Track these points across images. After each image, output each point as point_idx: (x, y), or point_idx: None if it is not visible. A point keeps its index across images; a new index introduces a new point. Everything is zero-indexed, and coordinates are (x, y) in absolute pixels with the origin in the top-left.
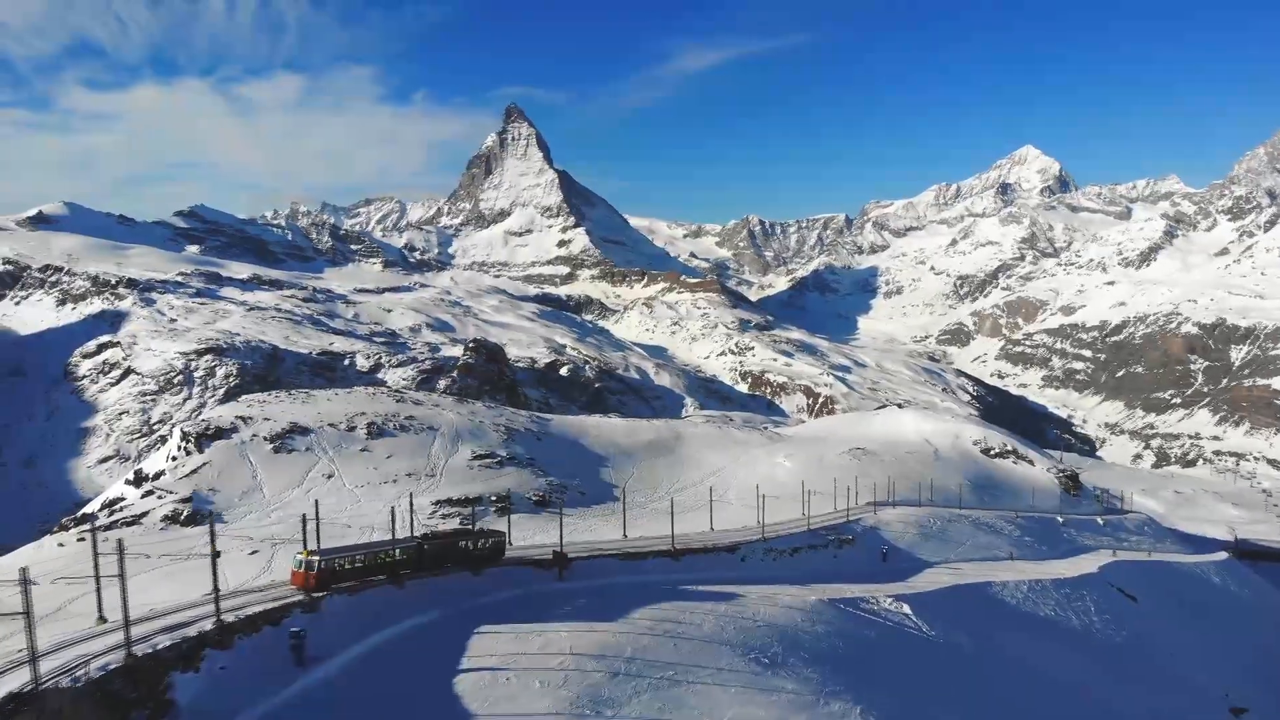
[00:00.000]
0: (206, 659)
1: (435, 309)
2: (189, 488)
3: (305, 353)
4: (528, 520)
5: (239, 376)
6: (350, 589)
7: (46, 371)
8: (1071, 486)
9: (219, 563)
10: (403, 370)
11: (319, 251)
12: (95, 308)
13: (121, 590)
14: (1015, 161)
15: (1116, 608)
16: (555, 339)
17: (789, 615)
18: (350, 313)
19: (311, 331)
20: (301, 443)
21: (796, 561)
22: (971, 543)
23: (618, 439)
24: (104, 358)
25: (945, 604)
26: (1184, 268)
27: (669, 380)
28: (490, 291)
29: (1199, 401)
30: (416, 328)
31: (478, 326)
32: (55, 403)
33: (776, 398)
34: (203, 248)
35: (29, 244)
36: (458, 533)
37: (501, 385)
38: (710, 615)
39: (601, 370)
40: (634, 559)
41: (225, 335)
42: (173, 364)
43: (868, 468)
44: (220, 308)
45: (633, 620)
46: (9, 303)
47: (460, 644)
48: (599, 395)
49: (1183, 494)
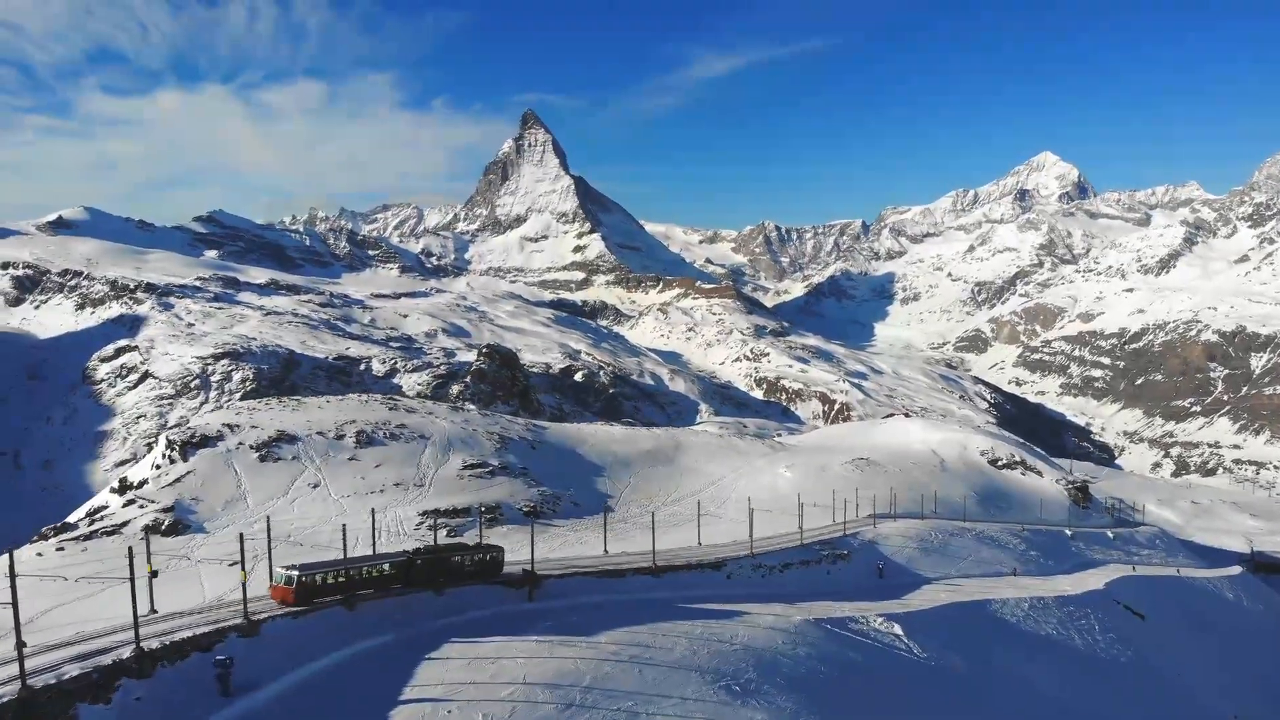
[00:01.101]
0: (121, 689)
1: (451, 314)
2: (171, 497)
3: (321, 357)
4: (516, 532)
5: (255, 381)
6: (296, 613)
7: (65, 375)
8: (1081, 498)
9: (199, 573)
10: (418, 375)
11: (336, 257)
12: (113, 312)
13: (14, 614)
14: (1033, 168)
15: (1122, 626)
16: (570, 344)
17: (769, 637)
18: (367, 318)
19: (328, 336)
20: (289, 451)
21: (786, 578)
22: (974, 558)
23: (615, 448)
24: (121, 362)
25: (940, 623)
26: (1204, 275)
27: (683, 386)
28: (506, 297)
29: (1219, 410)
30: (432, 333)
31: (493, 332)
32: (73, 406)
33: (792, 404)
34: (221, 253)
35: (49, 248)
36: (452, 547)
37: (515, 391)
38: (683, 638)
39: (616, 376)
40: (611, 576)
41: (242, 340)
42: (189, 368)
43: (871, 479)
44: (237, 312)
45: (598, 644)
46: (28, 306)
47: (408, 671)
48: (613, 401)
49: (1200, 504)
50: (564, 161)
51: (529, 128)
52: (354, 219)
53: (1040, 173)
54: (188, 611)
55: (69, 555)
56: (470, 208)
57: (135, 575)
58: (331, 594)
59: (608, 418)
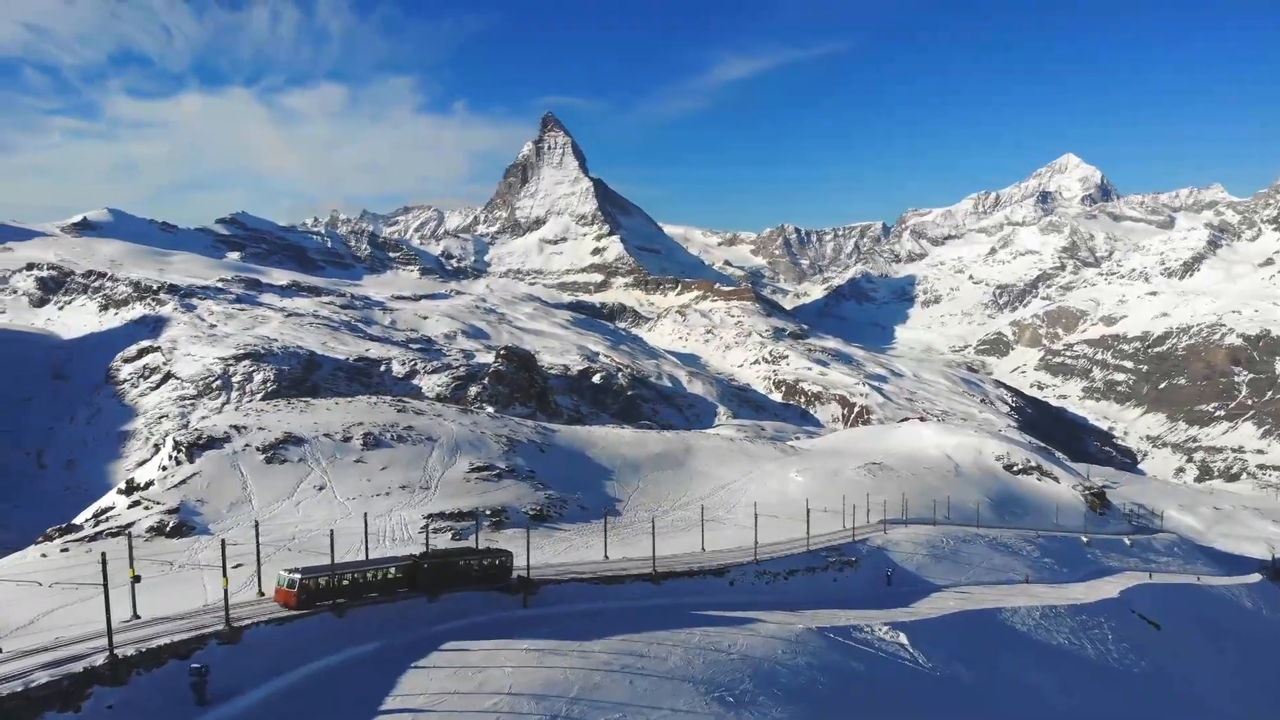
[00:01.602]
0: (92, 697)
1: (470, 316)
2: (177, 498)
3: (342, 358)
4: (522, 536)
5: (276, 382)
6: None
7: (88, 375)
8: (1098, 504)
9: (200, 576)
10: (437, 377)
11: (358, 259)
12: (137, 313)
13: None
14: (1056, 170)
15: (1137, 635)
16: (588, 346)
17: (768, 646)
18: (387, 319)
19: (348, 337)
20: (295, 453)
21: (791, 585)
22: (986, 564)
23: (624, 451)
24: (144, 362)
25: (948, 632)
26: (1228, 278)
27: (701, 388)
28: (525, 299)
29: (1243, 414)
30: (452, 334)
31: (512, 334)
32: (96, 406)
33: (811, 407)
34: (243, 254)
35: (73, 250)
36: (460, 551)
37: (532, 392)
38: (679, 647)
39: (634, 378)
40: (609, 583)
41: (263, 341)
42: (211, 369)
43: (883, 484)
44: (259, 314)
45: (590, 653)
46: (53, 307)
47: (391, 680)
48: (631, 403)
49: (1221, 510)
50: (583, 164)
51: (549, 130)
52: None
53: (1063, 175)
54: (172, 617)
55: (73, 556)
56: (490, 210)
57: (109, 581)
58: (335, 598)
59: (625, 420)
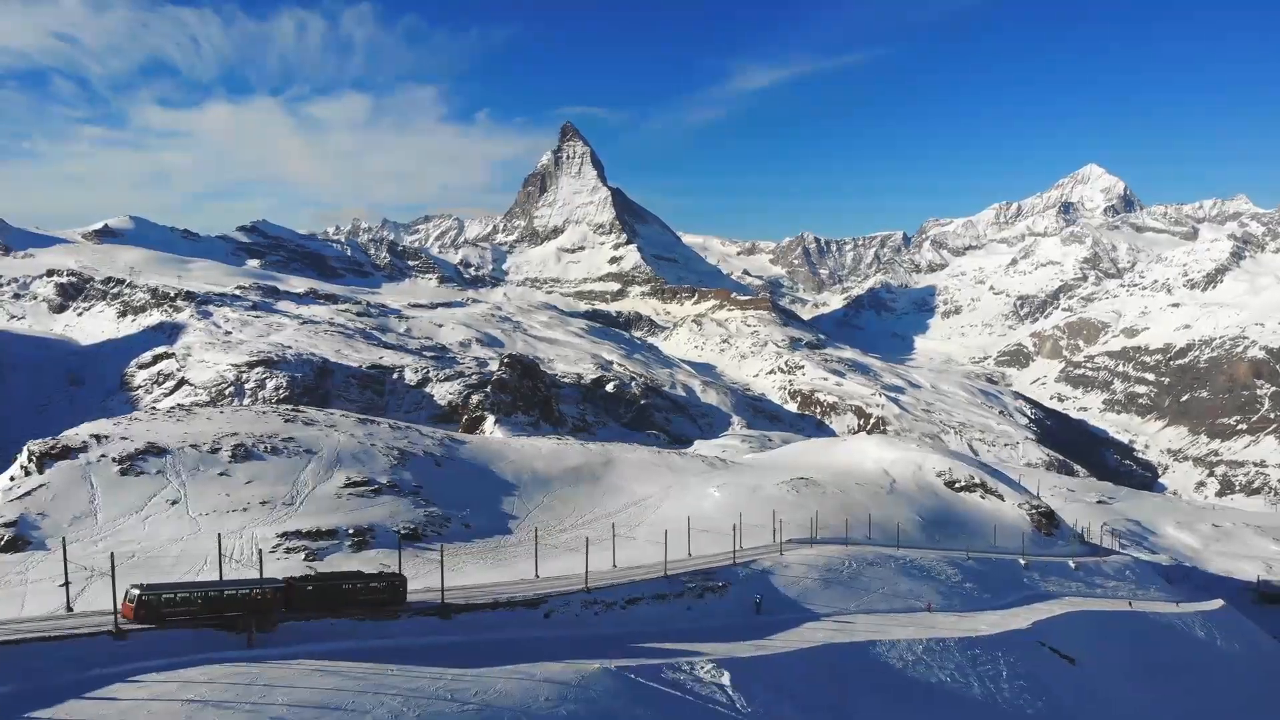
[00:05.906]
0: None
1: (485, 324)
2: (17, 511)
3: (355, 366)
4: (385, 557)
5: (289, 389)
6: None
7: (104, 381)
8: (1045, 524)
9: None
10: (449, 384)
11: (377, 267)
12: (154, 319)
13: None
14: (1078, 180)
15: (1041, 671)
16: (602, 355)
17: (530, 693)
18: (402, 327)
19: (363, 345)
20: (154, 465)
21: (629, 616)
22: (887, 590)
23: (536, 465)
24: (159, 368)
25: (794, 669)
26: (1252, 290)
27: (715, 398)
28: (541, 307)
29: (1265, 428)
30: (466, 342)
31: (526, 342)
32: (111, 411)
33: (826, 418)
34: (263, 262)
35: (94, 257)
36: (342, 574)
37: (536, 400)
38: (399, 695)
39: (648, 387)
40: (386, 619)
41: (277, 348)
42: (225, 376)
43: (806, 500)
44: (274, 321)
45: (268, 707)
46: (71, 313)
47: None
48: (644, 412)
49: (1220, 527)
50: (602, 173)
51: (568, 140)
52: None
53: (1085, 185)
54: None
55: None
56: (509, 219)
57: None
58: (180, 616)
59: (637, 429)
